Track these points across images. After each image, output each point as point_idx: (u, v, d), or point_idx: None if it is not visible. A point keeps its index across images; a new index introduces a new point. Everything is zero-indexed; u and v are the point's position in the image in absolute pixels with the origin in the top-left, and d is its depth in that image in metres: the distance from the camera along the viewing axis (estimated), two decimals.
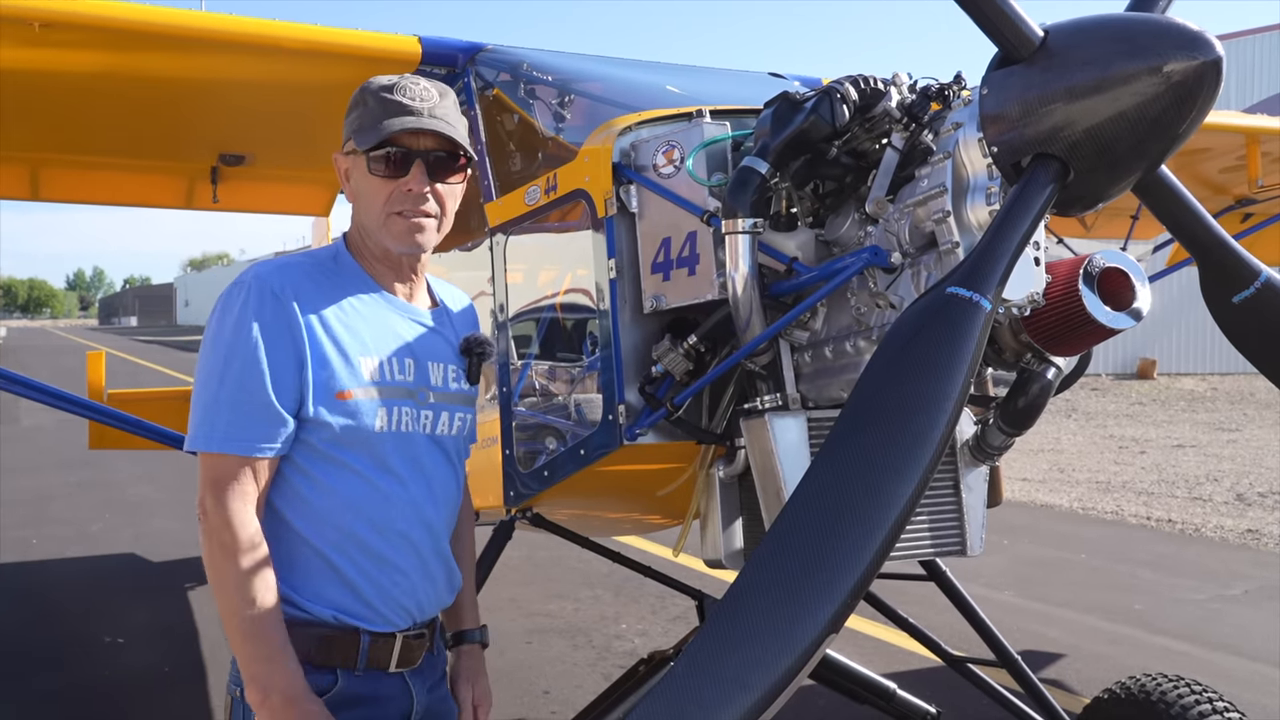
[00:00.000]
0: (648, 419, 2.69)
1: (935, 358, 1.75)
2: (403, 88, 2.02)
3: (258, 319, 1.89)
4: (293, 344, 1.91)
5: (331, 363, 1.94)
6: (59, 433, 14.13)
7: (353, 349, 1.97)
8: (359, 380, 1.96)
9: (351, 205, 2.09)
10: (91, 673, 5.44)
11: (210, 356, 1.92)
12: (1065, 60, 1.90)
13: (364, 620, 1.96)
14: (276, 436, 1.90)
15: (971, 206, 2.12)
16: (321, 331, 1.94)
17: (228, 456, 1.88)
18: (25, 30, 3.14)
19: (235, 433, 1.88)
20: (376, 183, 2.01)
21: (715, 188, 2.55)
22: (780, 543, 1.67)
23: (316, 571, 1.95)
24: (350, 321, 1.98)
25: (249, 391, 1.88)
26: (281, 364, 1.89)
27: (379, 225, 2.03)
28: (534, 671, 5.36)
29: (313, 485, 1.95)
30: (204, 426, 1.90)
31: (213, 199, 5.13)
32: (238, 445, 1.88)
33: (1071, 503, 10.28)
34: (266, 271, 1.96)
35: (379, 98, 2.01)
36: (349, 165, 2.06)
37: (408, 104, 2.00)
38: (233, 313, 1.91)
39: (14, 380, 4.04)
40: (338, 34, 3.56)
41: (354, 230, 2.10)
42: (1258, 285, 2.40)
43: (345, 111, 2.07)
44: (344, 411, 1.94)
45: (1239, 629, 6.23)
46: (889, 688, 3.61)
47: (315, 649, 1.92)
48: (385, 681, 1.99)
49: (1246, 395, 20.28)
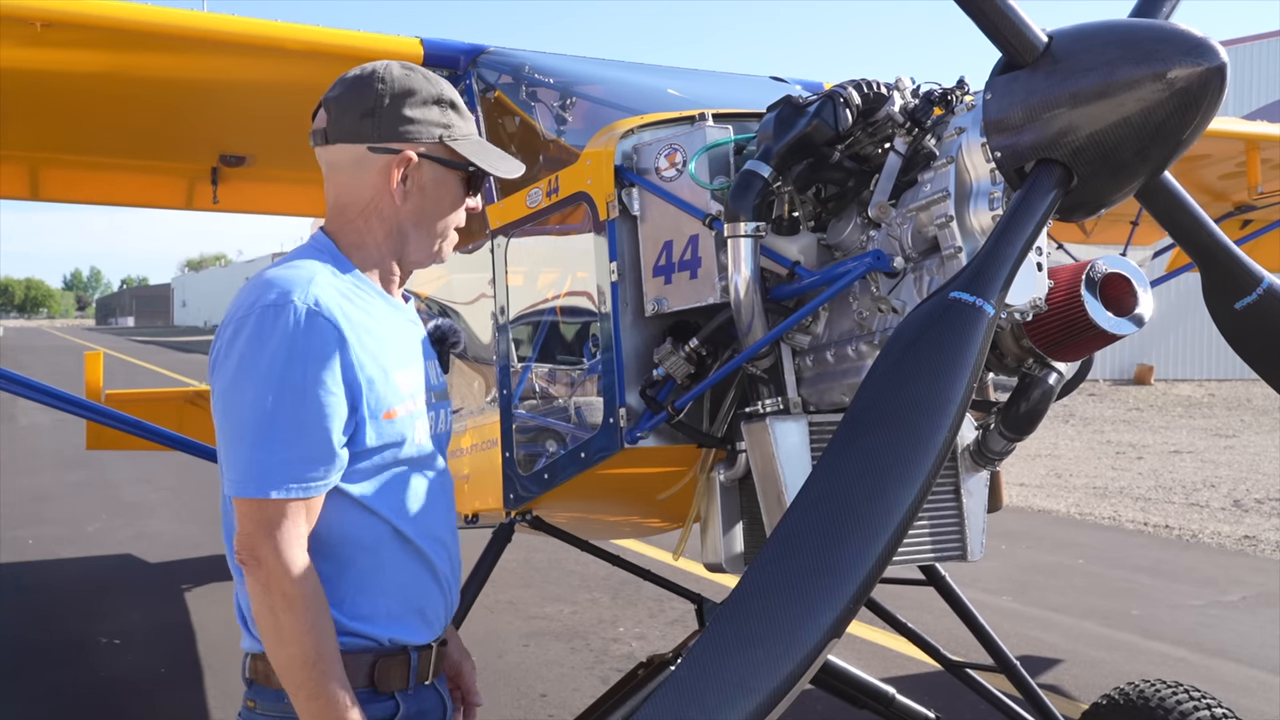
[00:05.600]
0: (649, 422, 2.69)
1: (938, 362, 1.76)
2: (460, 105, 1.98)
3: (309, 348, 1.72)
4: (345, 370, 1.76)
5: (376, 383, 1.81)
6: (56, 432, 14.11)
7: (390, 363, 1.86)
8: (399, 396, 1.86)
9: (392, 205, 1.91)
10: (88, 673, 5.43)
11: (254, 389, 1.73)
12: (1069, 66, 1.90)
13: (412, 633, 1.90)
14: (334, 472, 1.78)
15: (974, 211, 2.12)
16: (362, 351, 1.80)
17: (285, 501, 1.72)
18: (27, 30, 3.14)
19: (294, 473, 1.72)
20: (457, 198, 1.97)
21: (717, 191, 2.55)
22: (783, 547, 1.67)
23: (372, 582, 1.86)
24: (380, 332, 1.86)
25: (306, 429, 1.72)
26: (338, 397, 1.75)
27: (431, 237, 1.97)
28: (531, 674, 5.35)
29: (363, 504, 1.84)
30: (256, 468, 1.72)
31: (213, 199, 5.14)
32: (296, 488, 1.72)
33: (1069, 508, 10.28)
34: (298, 287, 1.76)
35: (460, 112, 1.96)
36: (417, 167, 1.91)
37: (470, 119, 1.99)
38: (275, 338, 1.72)
39: (11, 380, 4.03)
40: (339, 35, 3.56)
41: (355, 230, 1.93)
42: (1260, 292, 2.40)
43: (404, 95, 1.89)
44: (391, 430, 1.84)
45: (1236, 635, 6.22)
46: (888, 693, 3.61)
47: (377, 676, 1.84)
48: (426, 694, 1.95)
49: (1244, 401, 20.29)
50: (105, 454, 9.83)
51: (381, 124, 1.89)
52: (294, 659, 1.71)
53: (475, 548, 3.40)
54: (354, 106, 1.89)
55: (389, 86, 1.89)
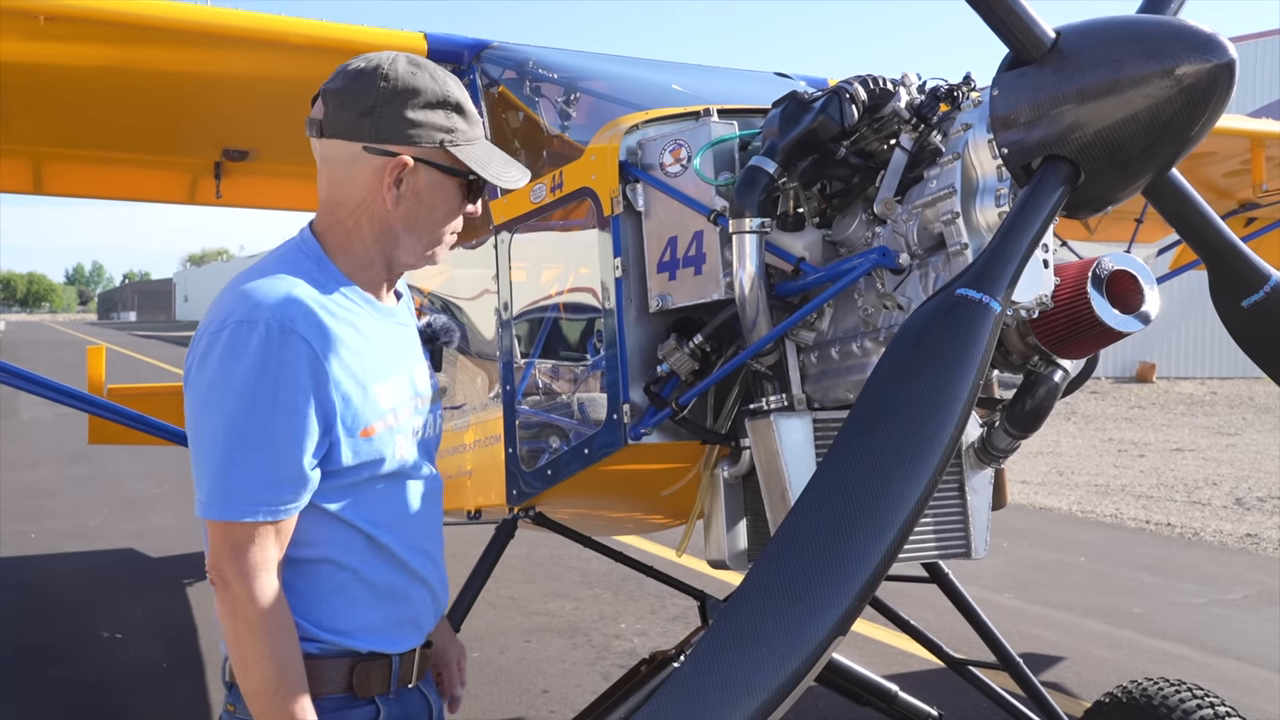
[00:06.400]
0: (652, 418, 2.68)
1: (945, 359, 1.75)
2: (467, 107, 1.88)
3: (280, 366, 1.66)
4: (317, 388, 1.70)
5: (353, 400, 1.75)
6: (57, 427, 14.11)
7: (368, 378, 1.79)
8: (379, 412, 1.80)
9: (385, 208, 1.84)
10: (90, 668, 5.43)
11: (221, 408, 1.67)
12: (1077, 62, 1.89)
13: (394, 642, 1.87)
14: (304, 494, 1.73)
15: (980, 208, 2.11)
16: (339, 368, 1.73)
17: (250, 524, 1.68)
18: (30, 23, 3.13)
19: (262, 496, 1.67)
20: (454, 205, 1.88)
21: (722, 187, 2.54)
22: (788, 544, 1.66)
23: (349, 596, 1.82)
24: (359, 346, 1.79)
25: (276, 452, 1.67)
26: (308, 417, 1.69)
27: (424, 243, 1.88)
28: (533, 670, 5.35)
29: (337, 515, 1.80)
30: (219, 491, 1.67)
31: (216, 194, 5.13)
32: (263, 512, 1.67)
33: (1071, 506, 10.27)
34: (274, 303, 1.70)
35: (465, 115, 1.87)
36: (414, 171, 1.83)
37: (478, 122, 1.90)
38: (246, 356, 1.66)
39: (14, 374, 4.03)
40: (343, 30, 3.55)
41: (344, 230, 1.86)
42: (1267, 289, 2.39)
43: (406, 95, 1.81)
44: (368, 448, 1.79)
45: (1238, 633, 6.22)
46: (890, 690, 3.61)
47: (356, 681, 1.82)
48: (410, 697, 1.93)
49: (1246, 399, 20.28)
50: (107, 449, 9.80)
51: (380, 124, 1.80)
52: (256, 685, 1.69)
53: (478, 544, 3.40)
54: (352, 102, 1.81)
55: (391, 84, 1.80)
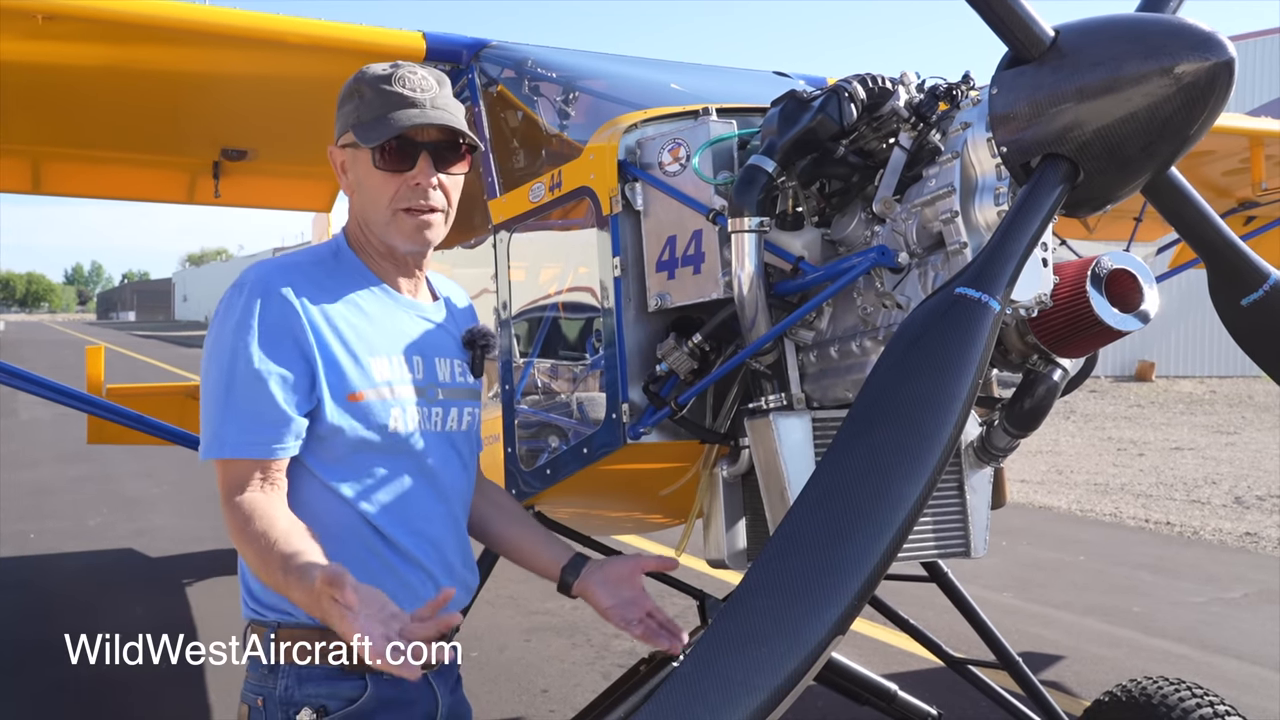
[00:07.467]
0: (651, 418, 2.68)
1: (944, 358, 1.75)
2: (400, 78, 1.96)
3: (261, 321, 1.86)
4: (298, 346, 1.88)
5: (341, 364, 1.91)
6: (57, 427, 14.11)
7: (361, 349, 1.94)
8: (370, 381, 1.93)
9: (351, 199, 2.05)
10: (89, 668, 5.41)
11: (215, 362, 1.88)
12: (1076, 60, 1.88)
13: None
14: (288, 436, 1.87)
15: (979, 207, 2.10)
16: (329, 332, 1.91)
17: (242, 461, 1.85)
18: (28, 22, 3.13)
19: (248, 437, 1.85)
20: (382, 177, 1.97)
21: (721, 186, 2.54)
22: (787, 543, 1.66)
23: None
24: (356, 320, 1.95)
25: (257, 395, 1.85)
26: (288, 366, 1.86)
27: (385, 222, 1.99)
28: (533, 670, 5.35)
29: (332, 488, 1.92)
30: (216, 434, 1.87)
31: (214, 194, 5.14)
32: (251, 449, 1.85)
33: (1070, 505, 10.27)
34: (267, 271, 1.92)
35: (378, 89, 1.96)
36: (347, 158, 2.02)
37: (409, 95, 1.95)
38: (234, 315, 1.87)
39: (13, 374, 4.03)
40: (342, 29, 3.55)
41: (354, 225, 2.05)
42: (1266, 288, 2.39)
43: (345, 96, 2.02)
44: (357, 413, 1.91)
45: (1238, 632, 6.22)
46: (890, 689, 3.61)
47: (345, 654, 1.87)
48: (411, 684, 1.91)
49: (1245, 398, 20.29)
50: (106, 448, 9.81)
51: (336, 130, 2.04)
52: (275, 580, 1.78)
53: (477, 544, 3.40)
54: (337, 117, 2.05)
55: (340, 93, 2.02)
